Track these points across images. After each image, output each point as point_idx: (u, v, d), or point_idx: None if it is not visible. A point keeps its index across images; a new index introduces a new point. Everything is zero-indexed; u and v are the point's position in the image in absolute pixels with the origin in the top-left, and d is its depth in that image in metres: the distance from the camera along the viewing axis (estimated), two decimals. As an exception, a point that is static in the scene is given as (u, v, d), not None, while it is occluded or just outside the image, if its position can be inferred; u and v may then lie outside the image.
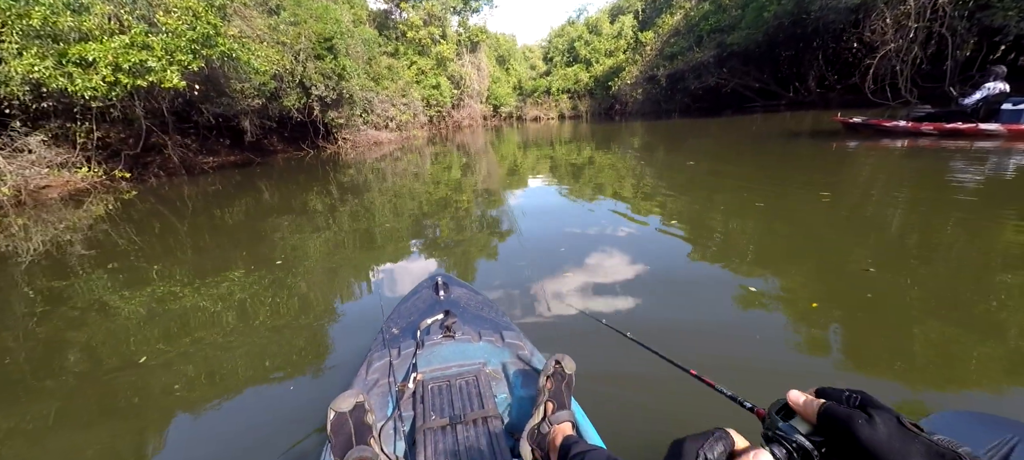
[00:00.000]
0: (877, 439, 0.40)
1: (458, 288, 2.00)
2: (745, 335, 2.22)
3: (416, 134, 21.27)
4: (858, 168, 5.95)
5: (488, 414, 1.17)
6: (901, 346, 2.04)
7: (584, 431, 1.14)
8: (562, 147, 13.25)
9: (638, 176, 7.14)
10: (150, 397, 2.12)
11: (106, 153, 10.20)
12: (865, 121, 8.26)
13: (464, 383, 1.31)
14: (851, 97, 17.09)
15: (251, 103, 12.02)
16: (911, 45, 12.17)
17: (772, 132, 11.47)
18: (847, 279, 2.70)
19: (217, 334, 2.66)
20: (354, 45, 16.33)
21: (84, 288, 3.58)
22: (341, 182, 9.34)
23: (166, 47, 7.85)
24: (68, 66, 7.37)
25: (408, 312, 1.81)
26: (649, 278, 3.02)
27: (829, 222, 3.81)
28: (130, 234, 5.37)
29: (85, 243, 5.01)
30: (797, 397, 0.49)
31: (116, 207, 7.37)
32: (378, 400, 1.28)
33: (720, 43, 18.31)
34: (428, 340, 1.49)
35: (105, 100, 7.86)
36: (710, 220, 4.21)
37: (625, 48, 31.18)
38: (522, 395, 1.30)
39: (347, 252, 4.29)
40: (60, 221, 6.44)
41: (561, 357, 1.23)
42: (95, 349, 2.61)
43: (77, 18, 7.40)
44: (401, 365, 1.43)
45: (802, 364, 1.99)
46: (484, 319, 1.72)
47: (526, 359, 1.44)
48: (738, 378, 1.87)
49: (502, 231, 4.51)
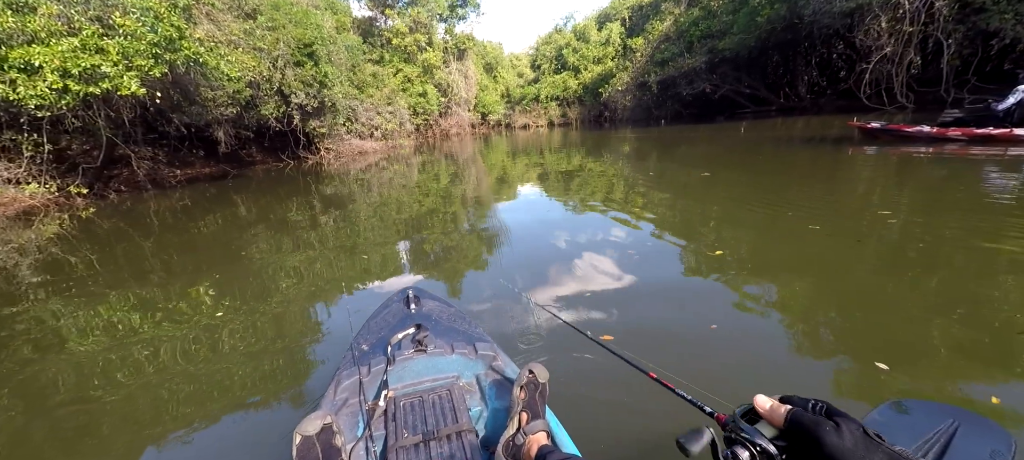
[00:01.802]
0: (843, 447, 0.42)
1: (430, 301, 1.95)
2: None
3: (403, 143, 20.64)
4: (902, 180, 5.44)
5: (462, 429, 1.15)
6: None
7: (559, 440, 1.12)
8: (552, 155, 12.77)
9: (647, 192, 6.61)
10: (105, 431, 1.97)
11: (63, 167, 9.35)
12: (884, 126, 7.93)
13: (437, 398, 1.27)
14: (844, 102, 17.05)
15: (224, 112, 11.26)
16: (906, 49, 12.04)
17: (774, 138, 11.17)
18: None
19: (175, 363, 2.48)
20: (336, 52, 15.68)
21: (28, 317, 3.27)
22: (322, 194, 8.91)
23: (123, 51, 7.11)
24: (9, 71, 6.59)
25: (378, 327, 1.75)
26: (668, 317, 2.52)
27: (928, 254, 3.01)
28: (86, 256, 4.91)
29: (32, 267, 4.58)
30: (764, 402, 0.52)
31: (71, 226, 6.77)
32: (347, 421, 1.24)
33: (711, 49, 18.16)
34: (399, 355, 1.44)
35: (53, 109, 7.07)
36: (771, 254, 3.35)
37: (613, 55, 31.11)
38: (497, 407, 1.27)
39: (320, 268, 4.06)
40: (3, 243, 5.79)
41: (534, 366, 1.20)
42: (43, 383, 2.38)
43: (20, 18, 6.63)
44: (371, 383, 1.38)
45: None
46: (456, 331, 1.67)
47: (500, 370, 1.41)
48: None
49: (485, 243, 4.43)
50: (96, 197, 9.34)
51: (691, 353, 2.14)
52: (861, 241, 3.33)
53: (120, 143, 9.55)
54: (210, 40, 9.47)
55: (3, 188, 7.89)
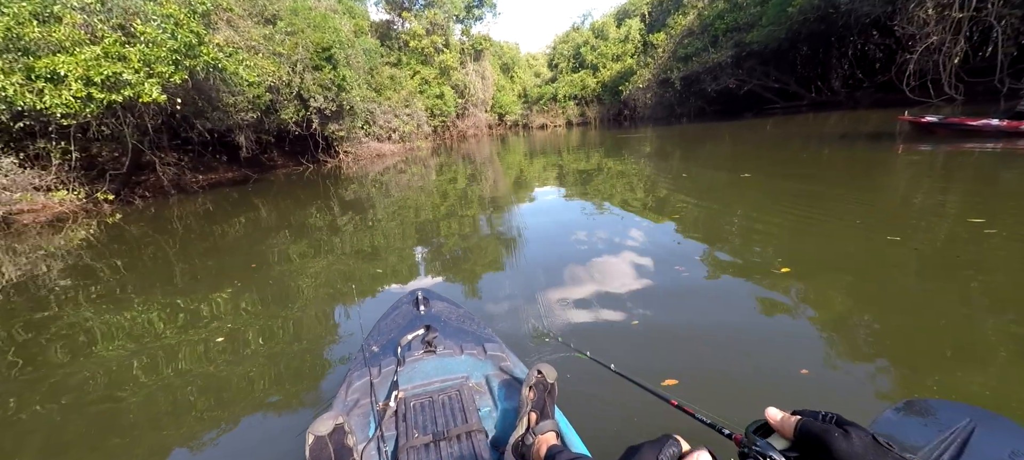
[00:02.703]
0: (853, 454, 0.42)
1: (438, 302, 1.96)
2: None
3: (420, 145, 20.61)
4: (979, 181, 4.76)
5: (472, 429, 1.15)
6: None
7: (568, 440, 1.12)
8: (570, 155, 12.40)
9: (682, 195, 6.21)
10: (128, 430, 2.03)
11: (92, 173, 9.56)
12: (943, 120, 7.24)
13: (447, 398, 1.28)
14: (881, 96, 16.09)
15: (245, 117, 11.35)
16: (955, 37, 11.17)
17: (810, 134, 10.51)
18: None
19: (193, 364, 2.56)
20: (354, 55, 15.71)
21: (61, 322, 3.35)
22: (340, 197, 8.92)
23: (144, 58, 7.14)
24: (37, 82, 6.69)
25: (388, 329, 1.77)
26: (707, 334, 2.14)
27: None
28: (112, 261, 5.02)
29: (63, 273, 4.69)
30: (775, 414, 0.52)
31: (98, 232, 6.93)
32: (359, 421, 1.26)
33: (738, 42, 17.42)
34: (409, 356, 1.45)
35: (78, 117, 7.17)
36: (852, 274, 2.79)
37: (633, 52, 30.42)
38: (506, 407, 1.27)
39: (335, 271, 4.07)
40: (33, 251, 5.93)
41: (542, 366, 1.20)
42: (73, 384, 2.46)
43: (45, 28, 6.73)
44: (382, 383, 1.39)
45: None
46: (465, 332, 1.69)
47: (509, 371, 1.41)
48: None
49: (500, 246, 4.39)
50: (122, 203, 9.50)
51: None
52: (960, 256, 2.82)
53: (145, 149, 9.70)
54: (230, 45, 9.50)
55: (34, 195, 8.07)
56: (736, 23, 17.81)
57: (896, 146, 7.12)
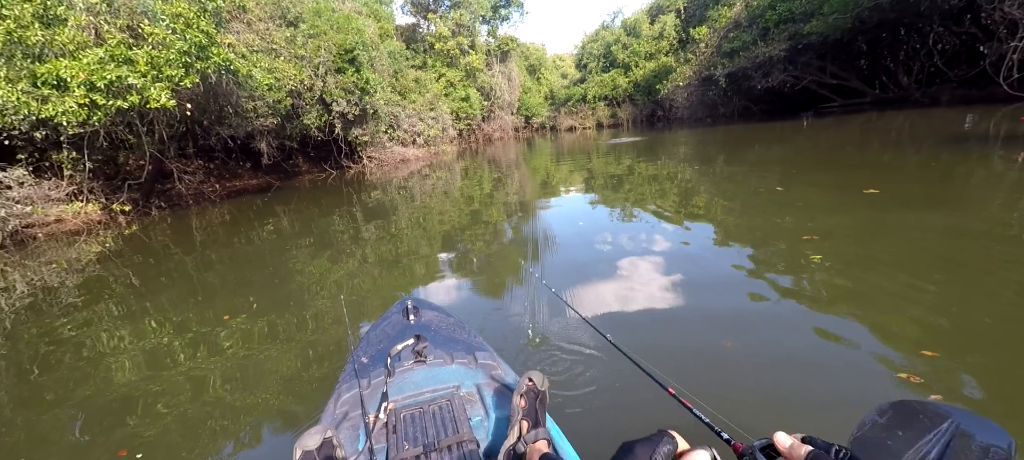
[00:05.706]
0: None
1: (429, 311, 1.93)
2: None
3: (445, 149, 19.93)
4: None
5: (463, 439, 1.13)
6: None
7: (560, 448, 1.11)
8: (599, 159, 11.25)
9: (807, 233, 5.04)
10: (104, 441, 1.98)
11: (110, 184, 9.22)
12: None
13: (438, 409, 1.26)
14: (963, 92, 14.16)
15: (265, 123, 10.85)
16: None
17: (903, 138, 8.88)
18: None
19: (178, 380, 2.48)
20: (378, 58, 15.14)
21: (74, 339, 3.27)
22: (364, 204, 8.40)
23: (152, 60, 6.59)
24: (42, 88, 6.22)
25: (378, 339, 1.74)
26: None
27: None
28: (123, 275, 4.89)
29: (77, 288, 4.57)
30: (784, 440, 0.50)
31: (114, 245, 6.60)
32: (348, 434, 1.22)
33: (793, 34, 15.78)
34: (399, 367, 1.44)
35: (86, 126, 6.68)
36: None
37: (667, 49, 28.84)
38: (497, 416, 1.25)
39: (341, 284, 3.94)
40: (48, 264, 5.65)
41: (533, 374, 1.18)
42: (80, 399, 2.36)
43: (49, 31, 6.25)
44: (371, 395, 1.36)
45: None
46: (456, 341, 1.67)
47: (500, 379, 1.39)
48: None
49: (521, 252, 4.27)
50: (140, 214, 9.11)
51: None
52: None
53: (163, 158, 9.28)
54: (243, 46, 8.95)
55: (46, 207, 7.71)
56: (790, 13, 16.17)
57: (1017, 154, 5.69)
